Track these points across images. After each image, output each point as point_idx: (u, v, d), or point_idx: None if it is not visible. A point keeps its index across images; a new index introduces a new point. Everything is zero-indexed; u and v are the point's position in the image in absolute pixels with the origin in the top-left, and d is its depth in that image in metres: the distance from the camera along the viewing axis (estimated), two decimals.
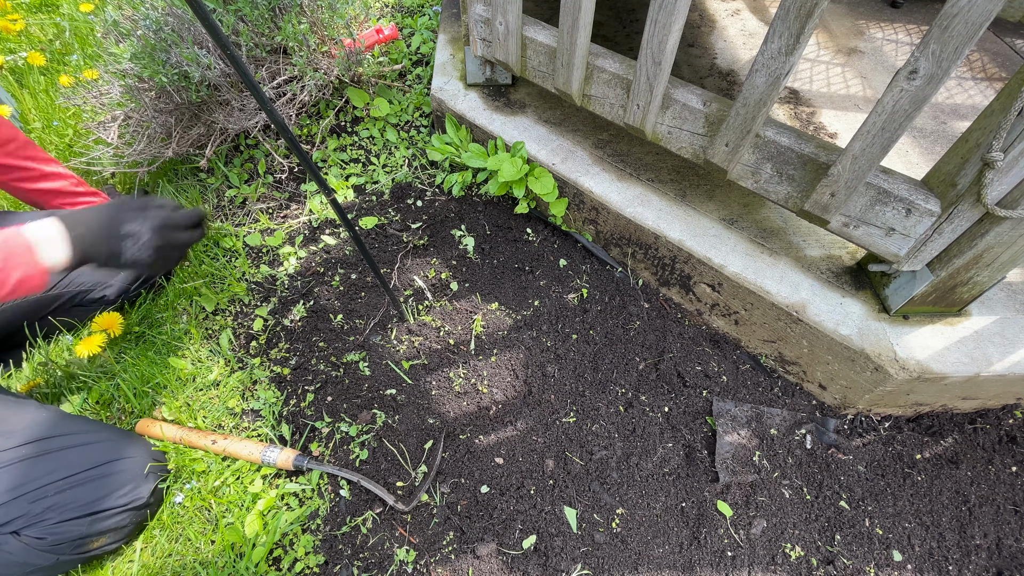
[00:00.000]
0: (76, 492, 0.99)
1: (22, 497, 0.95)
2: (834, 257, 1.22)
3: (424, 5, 2.21)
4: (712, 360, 1.31)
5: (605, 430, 1.21)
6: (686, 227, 1.30)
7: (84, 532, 0.99)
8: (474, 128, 1.61)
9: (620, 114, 1.25)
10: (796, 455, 1.17)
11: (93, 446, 1.04)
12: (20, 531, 0.95)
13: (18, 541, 0.95)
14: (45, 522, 0.95)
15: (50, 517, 0.96)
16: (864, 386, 1.12)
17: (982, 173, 0.83)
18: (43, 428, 1.02)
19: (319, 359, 1.33)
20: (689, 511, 1.11)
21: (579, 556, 1.05)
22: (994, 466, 1.16)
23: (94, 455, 1.03)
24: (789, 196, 1.07)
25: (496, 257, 1.52)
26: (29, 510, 0.94)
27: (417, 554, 1.06)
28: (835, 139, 1.53)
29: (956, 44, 0.73)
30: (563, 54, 1.24)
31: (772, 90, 0.93)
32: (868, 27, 1.99)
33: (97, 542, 1.02)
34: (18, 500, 0.94)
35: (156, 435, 1.18)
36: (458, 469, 1.16)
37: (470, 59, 1.58)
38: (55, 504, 0.96)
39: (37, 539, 0.95)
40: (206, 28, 0.70)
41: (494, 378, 1.28)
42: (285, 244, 1.57)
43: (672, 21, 0.99)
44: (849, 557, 1.06)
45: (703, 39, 1.91)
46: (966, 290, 1.05)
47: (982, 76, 1.80)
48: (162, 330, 1.39)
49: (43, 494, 0.96)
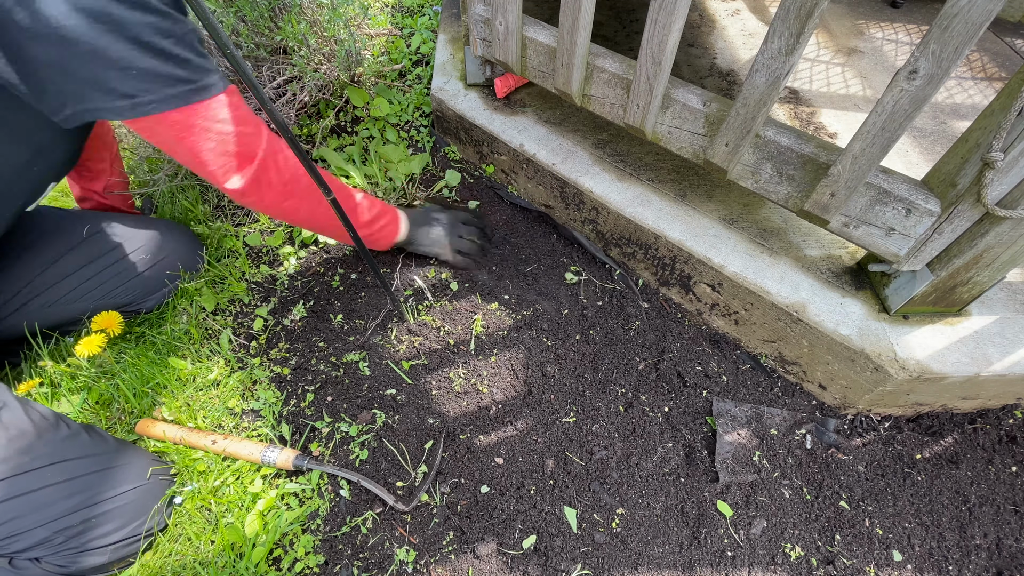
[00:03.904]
0: (100, 520, 0.99)
1: (46, 524, 0.93)
2: (834, 257, 1.22)
3: (424, 5, 2.21)
4: (712, 360, 1.31)
5: (605, 430, 1.21)
6: (686, 227, 1.30)
7: (107, 560, 1.00)
8: (474, 128, 1.61)
9: (620, 114, 1.25)
10: (796, 455, 1.17)
11: (116, 469, 1.04)
12: (41, 559, 0.95)
13: (38, 568, 0.95)
14: (67, 551, 0.96)
15: (73, 547, 0.96)
16: (864, 386, 1.12)
17: (982, 173, 0.83)
18: (62, 449, 1.00)
19: (319, 359, 1.33)
20: (689, 511, 1.11)
21: (579, 556, 1.05)
22: (994, 466, 1.16)
23: (118, 481, 1.03)
24: (789, 196, 1.07)
25: (496, 257, 1.52)
26: (52, 538, 0.94)
27: (417, 554, 1.06)
28: (835, 139, 1.53)
29: (956, 44, 0.73)
30: (563, 54, 1.24)
31: (772, 90, 0.93)
32: (868, 27, 1.99)
33: (117, 566, 1.04)
34: (42, 527, 0.93)
35: (156, 435, 1.18)
36: (458, 469, 1.16)
37: (470, 59, 1.58)
38: (79, 532, 0.97)
39: (59, 567, 0.96)
40: (206, 28, 0.70)
41: (494, 378, 1.28)
42: (285, 244, 1.57)
43: (672, 21, 0.99)
44: (849, 557, 1.06)
45: (703, 39, 1.91)
46: (966, 290, 1.05)
47: (982, 76, 1.80)
48: (162, 330, 1.39)
49: (67, 523, 0.95)
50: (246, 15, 1.49)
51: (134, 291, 1.36)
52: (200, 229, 1.57)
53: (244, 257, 1.53)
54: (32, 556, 0.94)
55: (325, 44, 1.61)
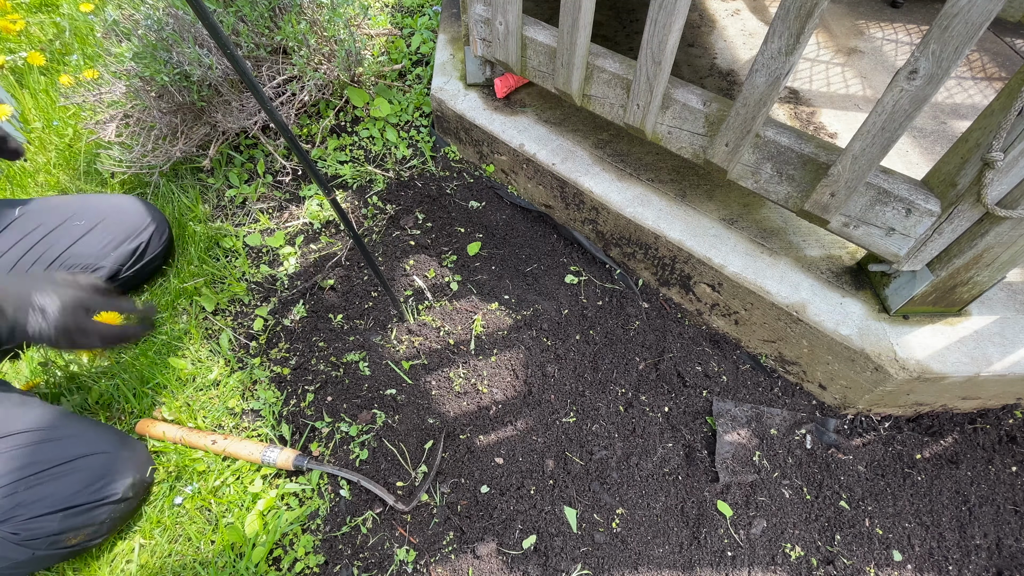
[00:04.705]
0: (46, 487, 0.97)
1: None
2: (834, 257, 1.22)
3: (424, 5, 2.21)
4: (712, 360, 1.31)
5: (605, 430, 1.21)
6: (686, 227, 1.30)
7: (57, 528, 0.97)
8: (474, 128, 1.60)
9: (620, 114, 1.25)
10: (796, 455, 1.17)
11: (65, 441, 1.03)
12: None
13: None
14: (16, 518, 0.94)
15: (20, 513, 0.94)
16: (864, 386, 1.12)
17: (982, 173, 0.83)
18: (17, 423, 1.01)
19: (319, 359, 1.33)
20: (689, 511, 1.11)
21: (579, 556, 1.05)
22: (994, 466, 1.16)
23: (66, 450, 1.02)
24: (789, 196, 1.07)
25: (496, 257, 1.52)
26: (0, 505, 0.93)
27: (417, 554, 1.06)
28: (835, 139, 1.53)
29: (956, 44, 0.73)
30: (563, 54, 1.24)
31: (772, 90, 0.93)
32: (868, 27, 1.99)
33: (74, 538, 1.00)
34: None
35: (156, 435, 1.18)
36: (458, 469, 1.16)
37: (470, 59, 1.58)
38: (24, 500, 0.95)
39: (12, 534, 0.94)
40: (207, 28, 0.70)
41: (494, 378, 1.28)
42: (285, 244, 1.57)
43: (672, 21, 0.99)
44: (849, 557, 1.06)
45: (703, 39, 1.91)
46: (966, 290, 1.05)
47: (982, 76, 1.80)
48: (162, 330, 1.39)
49: (13, 490, 0.95)
50: (246, 15, 1.48)
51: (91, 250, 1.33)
52: (200, 229, 1.57)
53: (244, 257, 1.53)
54: None
55: (325, 44, 1.61)
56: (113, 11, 1.55)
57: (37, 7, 2.48)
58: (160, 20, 1.42)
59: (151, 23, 1.40)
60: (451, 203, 1.65)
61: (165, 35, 1.41)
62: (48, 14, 2.44)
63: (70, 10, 2.42)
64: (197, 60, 1.39)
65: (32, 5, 2.48)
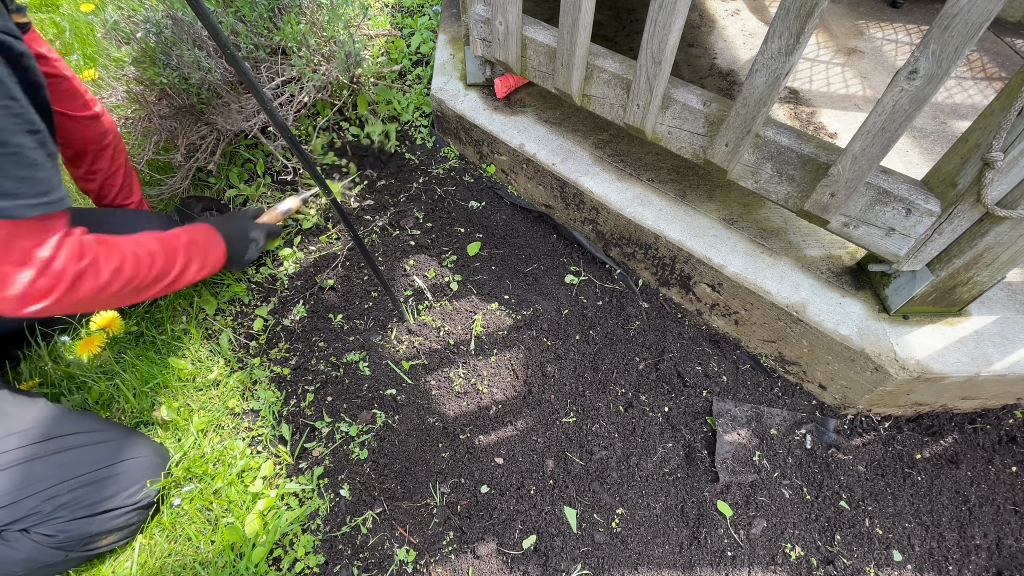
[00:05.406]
0: (86, 491, 0.99)
1: (33, 496, 0.95)
2: (834, 257, 1.22)
3: (424, 5, 2.21)
4: (712, 360, 1.31)
5: (605, 430, 1.21)
6: (686, 227, 1.30)
7: (94, 531, 0.99)
8: (474, 128, 1.60)
9: (620, 114, 1.25)
10: (796, 455, 1.17)
11: (102, 445, 1.05)
12: (30, 529, 0.96)
13: (27, 539, 0.95)
14: (55, 520, 0.96)
15: (61, 515, 0.96)
16: (864, 386, 1.12)
17: (982, 173, 0.83)
18: (53, 427, 1.03)
19: (319, 359, 1.33)
20: (689, 511, 1.11)
21: (579, 556, 1.05)
22: (994, 466, 1.16)
23: (103, 454, 1.04)
24: (789, 196, 1.07)
25: (496, 257, 1.52)
26: (40, 508, 0.95)
27: (417, 554, 1.06)
28: (835, 139, 1.53)
29: (956, 44, 0.73)
30: (563, 54, 1.24)
31: (772, 90, 0.93)
32: (868, 27, 1.99)
33: (105, 540, 1.03)
34: (29, 498, 0.95)
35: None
36: (458, 469, 1.16)
37: (470, 59, 1.58)
38: (66, 503, 0.97)
39: (47, 536, 0.96)
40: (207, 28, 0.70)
41: (494, 378, 1.28)
42: (285, 244, 1.57)
43: (672, 21, 0.99)
44: (849, 557, 1.06)
45: (703, 39, 1.91)
46: (966, 290, 1.05)
47: (982, 76, 1.80)
48: (162, 330, 1.39)
49: (54, 493, 0.97)
50: (245, 15, 1.48)
51: None
52: None
53: None
54: (21, 528, 0.95)
55: (324, 45, 1.61)
56: (113, 11, 1.55)
57: (37, 7, 2.49)
58: (159, 23, 1.42)
59: (150, 26, 1.40)
60: (451, 203, 1.65)
61: (164, 37, 1.41)
62: (48, 14, 2.44)
63: (70, 10, 2.42)
64: (196, 63, 1.39)
65: (32, 5, 2.48)
